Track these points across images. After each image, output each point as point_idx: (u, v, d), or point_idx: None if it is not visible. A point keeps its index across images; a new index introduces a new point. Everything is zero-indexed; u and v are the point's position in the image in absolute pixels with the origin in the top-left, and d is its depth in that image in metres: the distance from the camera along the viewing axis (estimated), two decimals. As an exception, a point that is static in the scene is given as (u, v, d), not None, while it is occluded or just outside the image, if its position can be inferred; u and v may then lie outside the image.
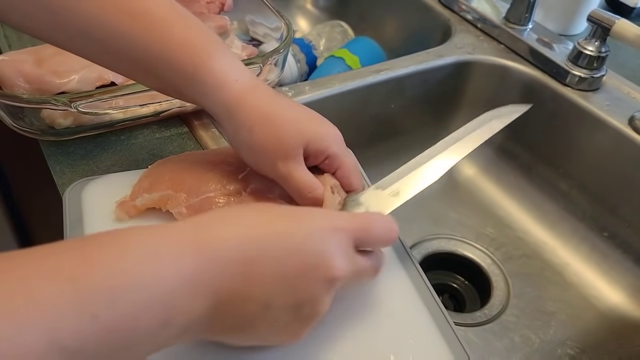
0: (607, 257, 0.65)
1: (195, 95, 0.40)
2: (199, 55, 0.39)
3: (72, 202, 0.43)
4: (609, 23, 0.61)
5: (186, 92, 0.41)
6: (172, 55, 0.39)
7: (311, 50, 0.83)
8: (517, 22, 0.72)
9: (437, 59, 0.70)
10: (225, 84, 0.39)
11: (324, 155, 0.41)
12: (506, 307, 0.62)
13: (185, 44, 0.39)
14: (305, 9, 0.99)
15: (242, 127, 0.39)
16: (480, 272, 0.66)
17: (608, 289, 0.63)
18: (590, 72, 0.65)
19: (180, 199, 0.41)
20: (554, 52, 0.68)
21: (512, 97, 0.71)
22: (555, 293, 0.63)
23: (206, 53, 0.39)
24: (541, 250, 0.68)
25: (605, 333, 0.60)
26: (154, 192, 0.41)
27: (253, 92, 0.40)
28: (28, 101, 0.47)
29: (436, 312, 0.39)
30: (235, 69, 0.40)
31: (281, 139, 0.39)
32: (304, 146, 0.40)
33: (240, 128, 0.40)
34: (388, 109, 0.70)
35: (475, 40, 0.74)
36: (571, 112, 0.65)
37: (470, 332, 0.59)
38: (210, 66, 0.39)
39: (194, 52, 0.39)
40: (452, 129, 0.78)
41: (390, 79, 0.67)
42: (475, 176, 0.76)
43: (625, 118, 0.62)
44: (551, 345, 0.58)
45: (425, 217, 0.71)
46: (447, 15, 0.78)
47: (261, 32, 0.71)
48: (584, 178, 0.67)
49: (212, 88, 0.39)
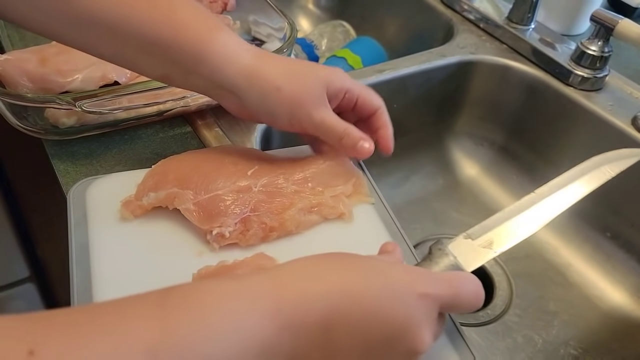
0: (610, 257, 0.65)
1: (207, 74, 0.41)
2: (208, 32, 0.41)
3: (76, 201, 0.43)
4: (612, 23, 0.61)
5: (198, 71, 0.41)
6: (182, 34, 0.40)
7: (313, 50, 0.83)
8: (519, 22, 0.72)
9: (439, 58, 0.70)
10: (240, 54, 0.41)
11: (343, 91, 0.44)
12: (509, 307, 0.62)
13: (194, 22, 0.41)
14: (307, 8, 0.99)
15: (269, 89, 0.41)
16: (483, 272, 0.66)
17: (611, 289, 0.63)
18: (593, 72, 0.65)
19: (187, 196, 0.41)
20: (557, 52, 0.68)
21: (515, 97, 0.71)
22: (558, 293, 0.63)
23: (215, 29, 0.41)
24: (544, 250, 0.68)
25: (608, 333, 0.60)
26: (160, 191, 0.41)
27: (266, 58, 0.43)
28: (32, 100, 0.47)
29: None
30: (242, 42, 0.43)
31: (309, 90, 0.42)
32: (326, 91, 0.43)
33: (267, 90, 0.41)
34: (391, 108, 0.69)
35: (478, 40, 0.74)
36: (574, 112, 0.65)
37: (473, 332, 0.59)
38: (223, 40, 0.41)
39: (203, 29, 0.41)
40: (455, 129, 0.79)
41: (392, 79, 0.67)
42: (478, 176, 0.76)
43: (628, 118, 0.62)
44: (554, 346, 0.58)
45: (427, 217, 0.71)
46: (449, 15, 0.78)
47: (264, 32, 0.71)
48: (587, 178, 0.67)
49: (226, 61, 0.41)
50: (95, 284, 0.38)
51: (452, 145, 0.77)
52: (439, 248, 0.38)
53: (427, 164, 0.76)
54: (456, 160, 0.77)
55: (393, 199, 0.72)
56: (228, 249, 0.41)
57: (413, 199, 0.73)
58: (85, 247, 0.40)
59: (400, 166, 0.75)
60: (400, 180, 0.75)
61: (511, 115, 0.73)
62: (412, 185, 0.75)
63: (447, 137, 0.77)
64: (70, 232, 0.41)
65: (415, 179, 0.75)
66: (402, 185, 0.74)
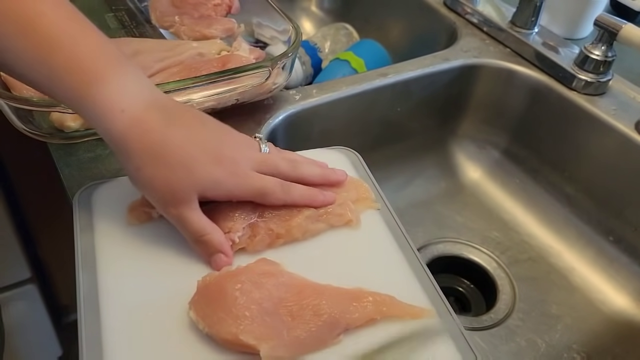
0: (613, 261, 0.65)
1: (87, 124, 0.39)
2: (86, 81, 0.36)
3: (82, 205, 0.43)
4: (615, 28, 0.61)
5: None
6: (60, 80, 0.36)
7: (316, 52, 0.83)
8: (523, 25, 0.72)
9: (443, 62, 0.70)
10: (110, 116, 0.36)
11: (227, 199, 0.40)
12: (512, 311, 0.62)
13: (72, 67, 0.36)
14: (310, 11, 1.00)
15: (129, 165, 0.37)
16: (486, 275, 0.66)
17: (614, 293, 0.63)
18: (597, 76, 0.65)
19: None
20: (560, 56, 0.68)
21: (519, 101, 0.71)
22: (561, 297, 0.63)
23: (94, 77, 0.36)
24: (547, 254, 0.68)
25: (611, 337, 0.60)
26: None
27: (142, 125, 0.37)
28: (38, 104, 0.47)
29: (445, 315, 0.39)
30: (127, 95, 0.37)
31: (170, 185, 0.37)
32: (198, 193, 0.38)
33: (127, 165, 0.38)
34: (394, 112, 0.70)
35: (481, 44, 0.74)
36: (577, 116, 0.66)
37: (476, 336, 0.59)
38: (94, 95, 0.36)
39: (80, 77, 0.36)
40: (458, 132, 0.79)
41: (396, 82, 0.67)
42: (481, 179, 0.76)
43: (631, 122, 0.62)
44: (557, 350, 0.58)
45: (430, 221, 0.71)
46: (452, 18, 0.78)
47: (268, 35, 0.71)
48: (590, 182, 0.67)
49: (97, 119, 0.37)
50: (102, 289, 0.38)
51: (455, 148, 0.77)
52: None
53: (430, 168, 0.76)
54: (459, 164, 0.77)
55: (396, 202, 0.72)
56: (234, 254, 0.41)
57: (416, 202, 0.73)
58: (92, 252, 0.40)
59: (404, 169, 0.75)
60: (404, 184, 0.75)
61: (514, 119, 0.73)
62: (415, 188, 0.75)
63: (451, 140, 0.77)
64: (76, 236, 0.41)
65: (419, 182, 0.75)
66: (405, 188, 0.74)
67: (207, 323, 0.35)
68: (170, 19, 0.64)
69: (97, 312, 0.37)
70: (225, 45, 0.61)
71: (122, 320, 0.37)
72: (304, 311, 0.37)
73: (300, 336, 0.36)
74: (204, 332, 0.35)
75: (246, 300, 0.36)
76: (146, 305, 0.38)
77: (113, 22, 0.65)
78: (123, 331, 0.36)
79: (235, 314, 0.35)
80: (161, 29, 0.65)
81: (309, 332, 0.36)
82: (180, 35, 0.63)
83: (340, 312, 0.37)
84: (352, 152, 0.52)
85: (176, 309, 0.37)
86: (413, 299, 0.40)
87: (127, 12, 0.67)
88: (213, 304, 0.36)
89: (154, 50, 0.58)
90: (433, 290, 0.40)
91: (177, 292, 0.38)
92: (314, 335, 0.36)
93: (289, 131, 0.60)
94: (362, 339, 0.37)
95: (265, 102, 0.59)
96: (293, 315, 0.36)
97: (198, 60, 0.58)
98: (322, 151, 0.52)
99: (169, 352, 0.35)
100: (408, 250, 0.43)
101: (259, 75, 0.53)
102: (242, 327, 0.35)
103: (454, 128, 0.76)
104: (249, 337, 0.34)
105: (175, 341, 0.36)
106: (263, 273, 0.39)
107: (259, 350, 0.34)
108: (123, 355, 0.35)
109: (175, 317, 0.37)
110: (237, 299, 0.36)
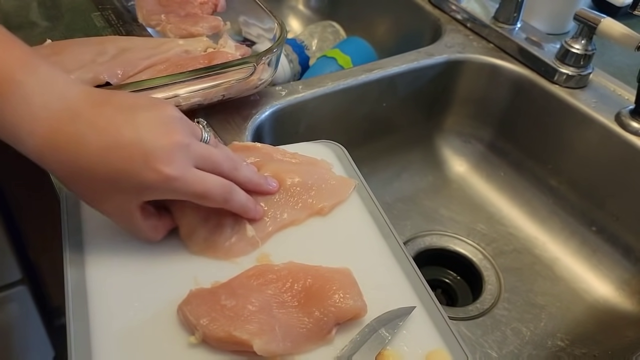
0: (596, 251, 0.66)
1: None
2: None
3: (70, 203, 0.44)
4: (594, 22, 0.62)
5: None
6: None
7: (303, 50, 0.84)
8: (506, 21, 0.73)
9: (427, 58, 0.71)
10: (19, 140, 0.34)
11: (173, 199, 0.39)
12: (498, 301, 0.63)
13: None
14: (297, 9, 1.00)
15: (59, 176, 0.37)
16: (472, 267, 0.67)
17: (597, 282, 0.65)
18: (578, 70, 0.66)
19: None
20: (542, 51, 0.69)
21: (502, 95, 0.73)
22: (545, 287, 0.65)
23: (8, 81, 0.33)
24: (531, 245, 0.69)
25: (594, 325, 0.61)
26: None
27: (52, 145, 0.34)
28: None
29: (432, 308, 0.40)
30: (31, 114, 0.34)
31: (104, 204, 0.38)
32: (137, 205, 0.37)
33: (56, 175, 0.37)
34: (380, 107, 0.71)
35: (465, 40, 0.75)
36: (559, 109, 0.67)
37: (462, 326, 0.60)
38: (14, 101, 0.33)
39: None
40: (444, 127, 0.80)
41: (382, 78, 0.68)
42: (466, 173, 0.77)
43: (612, 114, 0.63)
44: (542, 338, 0.60)
45: (417, 214, 0.72)
46: (437, 15, 0.80)
47: (254, 33, 0.72)
48: (573, 174, 0.68)
49: (9, 142, 0.35)
50: (90, 287, 0.38)
51: (441, 143, 0.78)
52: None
53: (417, 162, 0.77)
54: (445, 158, 0.78)
55: (383, 196, 0.73)
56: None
57: (403, 196, 0.74)
58: (80, 250, 0.40)
59: (390, 164, 0.76)
60: (391, 178, 0.76)
61: (498, 112, 0.74)
62: (402, 182, 0.76)
63: (436, 135, 0.78)
64: (65, 234, 0.41)
65: (405, 177, 0.76)
66: (392, 182, 0.75)
67: (200, 323, 0.35)
68: (157, 17, 0.64)
69: (86, 314, 0.37)
70: (212, 42, 0.62)
71: (111, 321, 0.37)
72: (295, 307, 0.37)
73: (293, 332, 0.36)
74: (197, 333, 0.35)
75: (238, 301, 0.37)
76: (135, 306, 0.38)
77: (100, 21, 0.65)
78: (112, 332, 0.36)
79: (228, 314, 0.36)
80: (148, 27, 0.66)
81: (302, 328, 0.36)
82: (167, 34, 0.63)
83: (328, 305, 0.37)
84: (337, 146, 0.52)
85: (166, 310, 0.37)
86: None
87: (113, 11, 0.67)
88: (205, 305, 0.36)
89: (141, 48, 0.58)
90: (419, 283, 0.41)
91: (167, 293, 0.38)
92: (307, 333, 0.36)
93: (276, 126, 0.61)
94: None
95: (251, 98, 0.60)
96: (285, 311, 0.37)
97: (184, 57, 0.58)
98: (308, 145, 0.52)
99: (159, 354, 0.36)
100: (392, 240, 0.44)
101: (245, 71, 0.54)
102: (235, 324, 0.35)
103: (440, 122, 0.77)
104: (242, 332, 0.35)
105: (166, 343, 0.36)
106: (251, 275, 0.39)
107: (252, 346, 0.34)
108: (112, 357, 0.35)
109: (165, 319, 0.37)
110: (229, 300, 0.36)
